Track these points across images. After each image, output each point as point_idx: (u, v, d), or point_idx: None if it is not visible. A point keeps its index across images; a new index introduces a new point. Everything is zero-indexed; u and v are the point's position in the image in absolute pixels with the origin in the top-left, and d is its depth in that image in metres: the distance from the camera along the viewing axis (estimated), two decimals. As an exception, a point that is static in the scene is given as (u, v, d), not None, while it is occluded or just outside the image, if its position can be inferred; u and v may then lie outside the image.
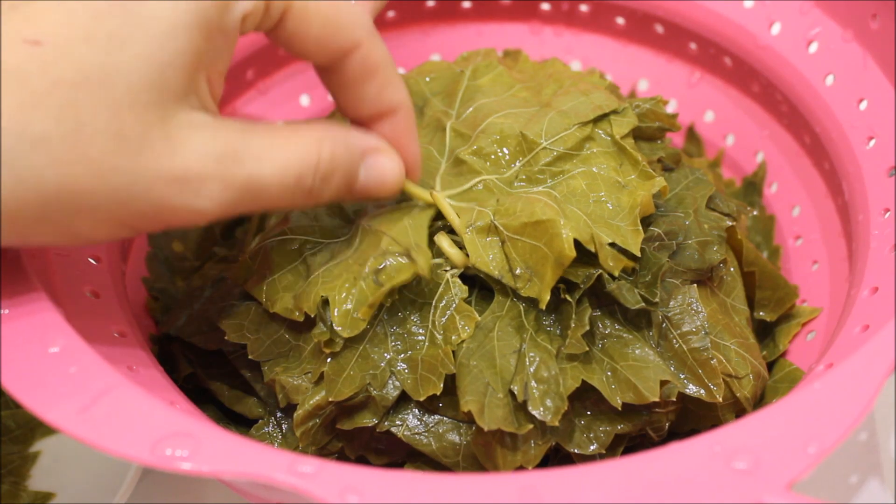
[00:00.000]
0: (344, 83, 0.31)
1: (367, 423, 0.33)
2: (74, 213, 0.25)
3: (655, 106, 0.37)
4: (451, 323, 0.33)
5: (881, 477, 0.42)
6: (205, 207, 0.27)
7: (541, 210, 0.33)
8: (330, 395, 0.32)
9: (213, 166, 0.26)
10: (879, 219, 0.37)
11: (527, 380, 0.31)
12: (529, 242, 0.33)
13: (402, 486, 0.23)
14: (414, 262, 0.32)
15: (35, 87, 0.24)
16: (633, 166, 0.35)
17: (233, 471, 0.24)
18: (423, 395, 0.32)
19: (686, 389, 0.33)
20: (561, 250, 0.32)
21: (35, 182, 0.24)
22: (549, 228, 0.32)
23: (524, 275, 0.33)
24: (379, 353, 0.33)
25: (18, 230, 0.25)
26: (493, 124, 0.37)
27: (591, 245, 0.32)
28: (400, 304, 0.33)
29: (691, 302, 0.34)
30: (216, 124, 0.27)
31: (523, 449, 0.31)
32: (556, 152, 0.36)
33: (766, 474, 0.23)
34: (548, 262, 0.32)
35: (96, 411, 0.25)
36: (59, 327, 0.28)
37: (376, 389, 0.32)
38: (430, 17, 0.51)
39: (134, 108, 0.25)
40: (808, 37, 0.42)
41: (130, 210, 0.26)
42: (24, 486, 0.41)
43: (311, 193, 0.29)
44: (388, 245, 0.32)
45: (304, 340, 0.34)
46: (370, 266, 0.32)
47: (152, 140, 0.25)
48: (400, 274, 0.32)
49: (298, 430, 0.33)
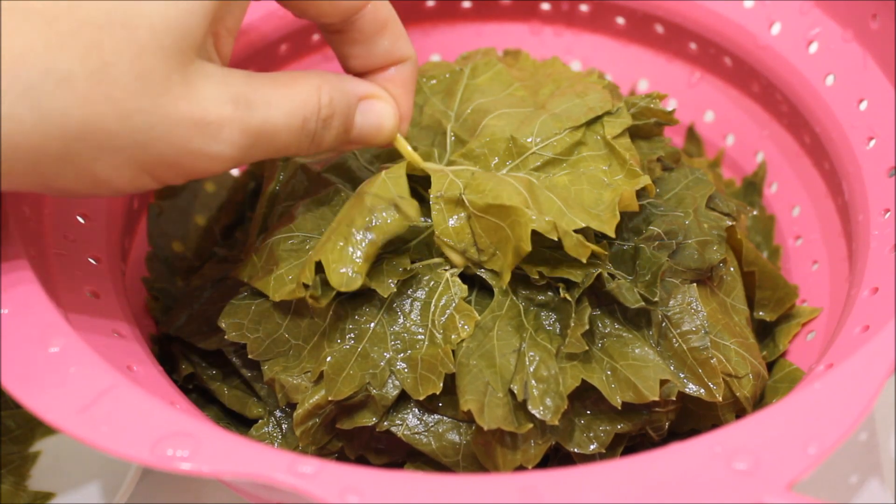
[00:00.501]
0: (355, 40, 0.32)
1: (367, 422, 0.33)
2: (97, 154, 0.26)
3: (651, 102, 0.37)
4: (450, 322, 0.33)
5: (881, 477, 0.42)
6: (223, 152, 0.28)
7: (507, 195, 0.32)
8: (329, 394, 0.32)
9: (229, 111, 0.27)
10: (879, 219, 0.37)
11: (526, 379, 0.31)
12: (494, 221, 0.33)
13: (402, 486, 0.23)
14: (402, 211, 0.32)
15: (62, 27, 0.25)
16: (620, 166, 0.35)
17: (233, 471, 0.24)
18: (423, 395, 0.32)
19: (686, 389, 0.33)
20: (520, 239, 0.32)
21: (59, 119, 0.25)
22: (511, 214, 0.32)
23: (488, 250, 0.33)
24: (378, 353, 0.33)
25: (41, 170, 0.26)
26: (487, 126, 0.37)
27: (554, 234, 0.32)
28: (399, 302, 0.33)
29: (691, 301, 0.34)
30: (226, 73, 0.28)
31: (523, 448, 0.31)
32: (545, 157, 0.36)
33: (766, 475, 0.23)
34: (509, 245, 0.32)
35: (96, 411, 0.25)
36: (59, 327, 0.28)
37: (376, 389, 0.32)
38: (430, 17, 0.51)
39: (156, 51, 0.26)
40: (808, 37, 0.42)
41: (151, 153, 0.26)
42: (24, 486, 0.41)
43: (315, 138, 0.30)
44: (372, 202, 0.32)
45: (304, 339, 0.34)
46: (358, 224, 0.32)
47: (172, 84, 0.26)
48: (391, 225, 0.32)
49: (298, 429, 0.33)
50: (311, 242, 0.35)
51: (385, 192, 0.32)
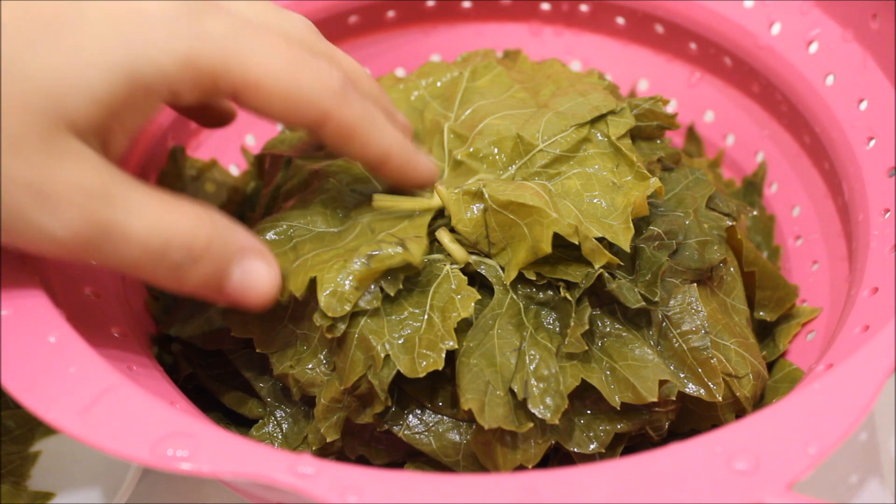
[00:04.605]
0: (324, 142, 0.31)
1: (379, 409, 0.32)
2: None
3: (654, 105, 0.37)
4: (450, 303, 0.32)
5: (881, 477, 0.42)
6: (57, 233, 0.25)
7: (530, 196, 0.32)
8: (339, 382, 0.32)
9: (80, 197, 0.25)
10: (879, 219, 0.37)
11: (527, 378, 0.31)
12: (510, 217, 0.33)
13: (402, 486, 0.23)
14: (407, 250, 0.32)
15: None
16: (629, 167, 0.35)
17: (233, 471, 0.24)
18: (423, 372, 0.31)
19: (686, 389, 0.33)
20: (539, 240, 0.32)
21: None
22: (533, 213, 0.32)
23: (500, 244, 0.33)
24: (376, 338, 0.32)
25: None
26: (491, 125, 0.37)
27: (575, 238, 0.32)
28: (398, 295, 0.33)
29: (691, 301, 0.34)
30: (101, 164, 0.26)
31: (523, 448, 0.31)
32: (552, 154, 0.35)
33: (766, 475, 0.23)
34: (523, 244, 0.32)
35: (96, 411, 0.25)
36: (59, 328, 0.28)
37: (373, 373, 0.32)
38: (430, 17, 0.51)
39: (25, 106, 0.24)
40: (808, 37, 0.42)
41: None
42: (24, 486, 0.41)
43: (177, 272, 0.28)
44: (383, 237, 0.32)
45: (311, 329, 0.34)
46: (361, 252, 0.32)
47: (29, 144, 0.25)
48: (393, 259, 0.31)
49: (322, 425, 0.33)
50: (295, 230, 0.35)
51: (401, 233, 0.33)
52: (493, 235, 0.34)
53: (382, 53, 0.51)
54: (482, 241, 0.34)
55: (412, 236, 0.33)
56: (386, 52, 0.51)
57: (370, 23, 0.50)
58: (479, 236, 0.34)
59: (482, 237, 0.34)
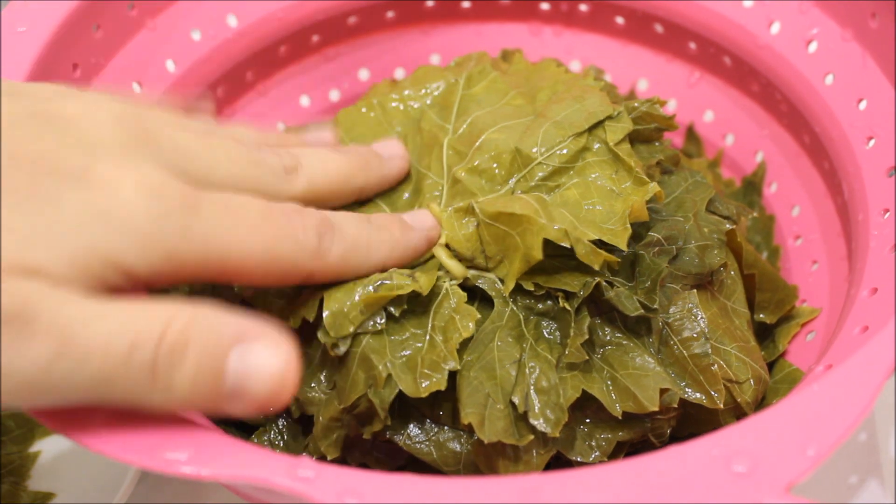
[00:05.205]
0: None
1: (378, 428, 0.32)
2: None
3: (651, 108, 0.37)
4: (451, 324, 0.32)
5: (881, 477, 0.42)
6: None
7: (519, 206, 0.33)
8: (338, 401, 0.32)
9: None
10: (879, 219, 0.37)
11: (527, 390, 0.31)
12: (502, 228, 0.33)
13: (401, 488, 0.23)
14: (416, 281, 0.32)
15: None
16: (627, 173, 0.35)
17: (232, 474, 0.24)
18: (426, 392, 0.31)
19: (687, 396, 0.33)
20: (530, 248, 0.32)
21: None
22: (523, 222, 0.32)
23: (496, 257, 0.34)
24: (379, 357, 0.32)
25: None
26: (489, 141, 0.37)
27: (566, 241, 0.32)
28: (400, 316, 0.33)
29: (691, 307, 0.34)
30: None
31: (525, 459, 0.31)
32: (551, 167, 0.35)
33: (765, 477, 0.23)
34: (517, 253, 0.32)
35: (95, 413, 0.25)
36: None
37: (374, 392, 0.32)
38: (430, 17, 0.51)
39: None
40: (807, 36, 0.42)
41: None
42: (24, 486, 0.41)
43: (156, 374, 0.24)
44: (393, 271, 0.33)
45: (312, 347, 0.34)
46: (373, 278, 0.32)
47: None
48: (399, 289, 0.32)
49: (322, 443, 0.33)
50: None
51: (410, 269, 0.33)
52: (488, 249, 0.34)
53: (382, 54, 0.51)
54: (479, 256, 0.34)
55: (422, 266, 0.33)
56: (385, 53, 0.51)
57: (370, 23, 0.50)
58: (475, 251, 0.34)
59: (478, 252, 0.34)
